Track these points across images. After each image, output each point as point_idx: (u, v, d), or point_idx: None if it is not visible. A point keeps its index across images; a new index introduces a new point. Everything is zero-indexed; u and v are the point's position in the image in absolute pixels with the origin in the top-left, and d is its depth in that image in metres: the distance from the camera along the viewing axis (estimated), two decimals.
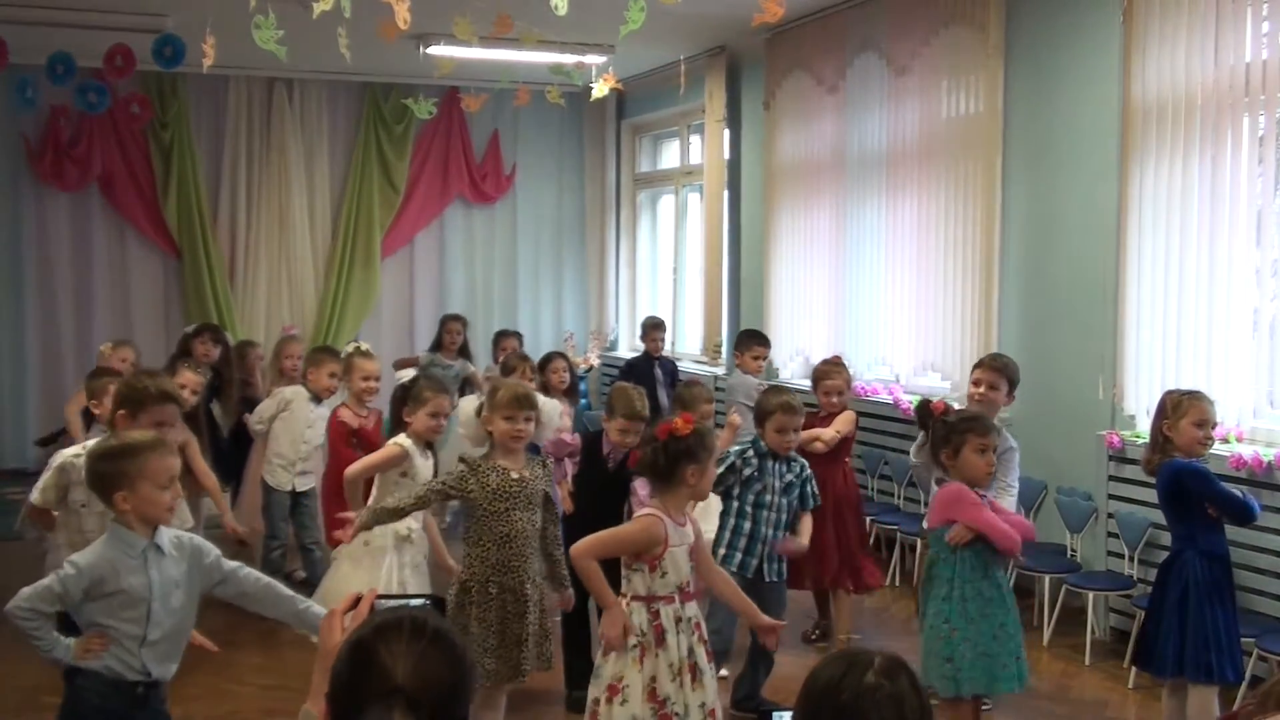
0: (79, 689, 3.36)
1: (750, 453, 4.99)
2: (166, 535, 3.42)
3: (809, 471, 5.09)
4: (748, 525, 4.94)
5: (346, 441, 6.04)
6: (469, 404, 5.03)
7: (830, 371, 6.11)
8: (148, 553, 3.34)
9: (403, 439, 4.95)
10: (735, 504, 4.99)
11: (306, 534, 6.61)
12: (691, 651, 3.85)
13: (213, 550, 3.50)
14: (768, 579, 4.95)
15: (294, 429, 6.66)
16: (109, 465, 3.36)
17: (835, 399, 5.99)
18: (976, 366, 5.30)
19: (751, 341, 7.40)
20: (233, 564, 3.50)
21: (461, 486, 4.28)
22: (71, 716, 3.40)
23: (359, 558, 4.93)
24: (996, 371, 5.16)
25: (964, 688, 4.17)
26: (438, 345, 8.84)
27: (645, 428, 4.85)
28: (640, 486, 5.05)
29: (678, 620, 3.84)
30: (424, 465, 4.95)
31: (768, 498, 4.97)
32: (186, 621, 3.47)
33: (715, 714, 3.89)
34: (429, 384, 5.10)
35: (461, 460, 4.39)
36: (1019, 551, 4.27)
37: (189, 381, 5.91)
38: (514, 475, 4.30)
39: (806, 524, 5.07)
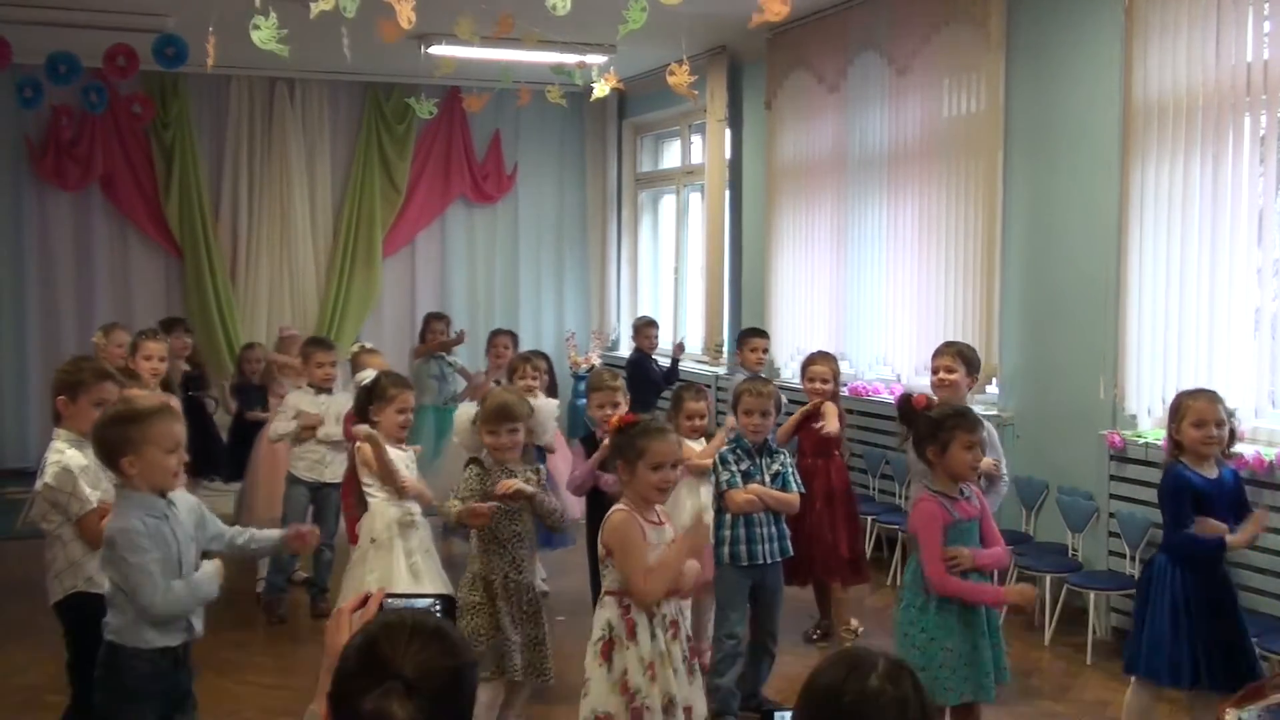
0: (125, 660, 3.39)
1: (738, 449, 5.01)
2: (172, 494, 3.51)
3: (790, 461, 5.14)
4: (743, 516, 4.95)
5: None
6: (465, 412, 4.97)
7: (816, 358, 6.26)
8: (169, 510, 3.42)
9: (372, 430, 4.97)
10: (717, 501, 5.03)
11: (321, 533, 6.50)
12: (665, 648, 3.79)
13: (209, 513, 3.66)
14: (772, 560, 5.00)
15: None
16: (116, 431, 3.41)
17: (820, 385, 6.08)
18: (935, 355, 5.53)
19: (748, 336, 7.39)
20: (220, 525, 3.70)
21: (482, 486, 4.43)
22: (118, 688, 3.42)
23: (368, 557, 4.93)
24: (955, 356, 5.42)
25: (943, 696, 4.09)
26: (423, 343, 8.91)
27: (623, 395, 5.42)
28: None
29: (650, 616, 3.78)
30: (399, 455, 4.95)
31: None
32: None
33: (691, 712, 3.83)
34: (392, 381, 5.10)
35: (473, 462, 4.51)
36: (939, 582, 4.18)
37: (154, 351, 5.90)
38: (519, 477, 4.47)
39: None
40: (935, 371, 5.48)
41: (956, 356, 5.44)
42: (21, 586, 6.46)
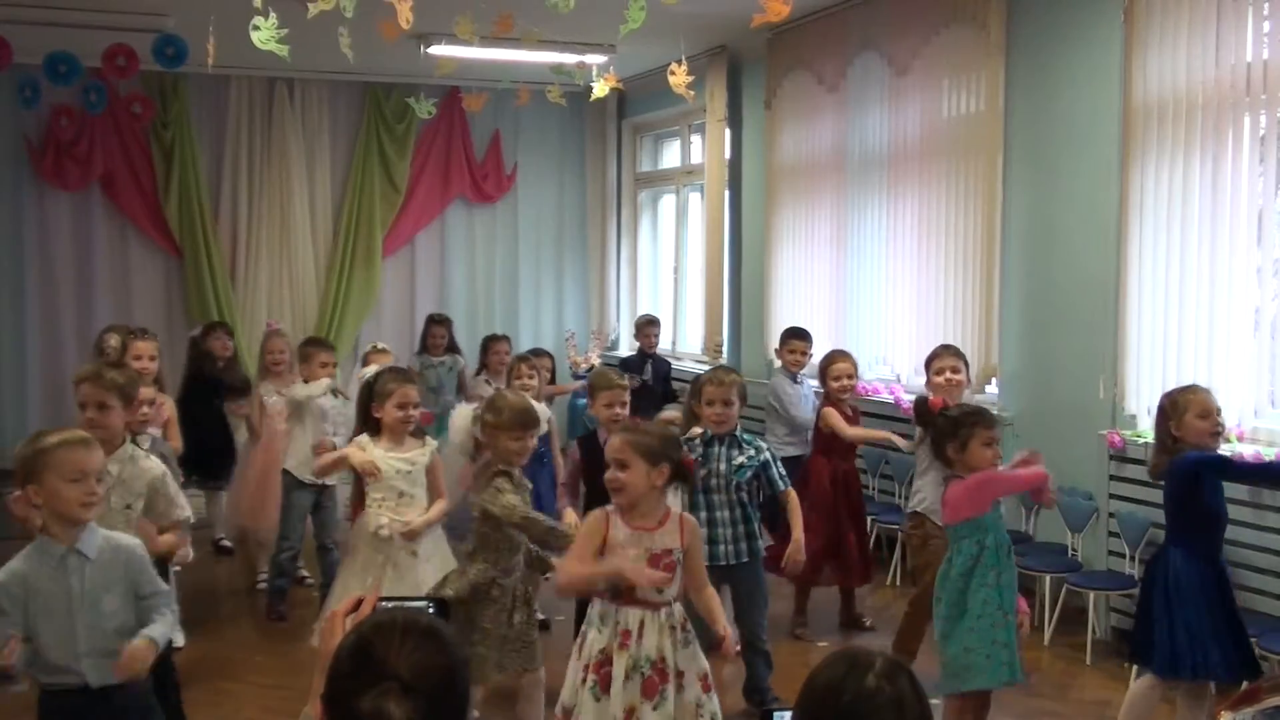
0: (44, 699, 3.35)
1: (696, 441, 4.97)
2: (97, 539, 3.33)
3: (767, 455, 5.03)
4: (703, 514, 4.88)
5: None
6: (464, 414, 4.86)
7: (838, 356, 6.33)
8: (67, 559, 3.26)
9: (361, 439, 4.90)
10: (686, 496, 4.97)
11: (326, 533, 6.47)
12: (609, 659, 3.67)
13: (147, 566, 3.45)
14: (737, 561, 4.93)
15: (312, 426, 6.45)
16: (20, 462, 3.31)
17: (846, 381, 6.19)
18: (935, 357, 5.66)
19: (787, 337, 7.09)
20: (159, 590, 3.46)
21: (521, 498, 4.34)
22: None
23: (348, 559, 4.94)
24: (957, 356, 5.62)
25: (1018, 672, 4.24)
26: (423, 347, 8.98)
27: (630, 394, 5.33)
28: None
29: (602, 617, 3.72)
30: (385, 458, 4.86)
31: (714, 481, 4.91)
32: (128, 625, 3.36)
33: None
34: (392, 375, 5.04)
35: (504, 474, 4.36)
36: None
37: (143, 350, 5.88)
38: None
39: (793, 512, 5.01)
40: (940, 373, 5.55)
41: (958, 357, 5.62)
42: None
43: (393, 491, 4.85)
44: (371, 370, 5.60)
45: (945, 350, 5.69)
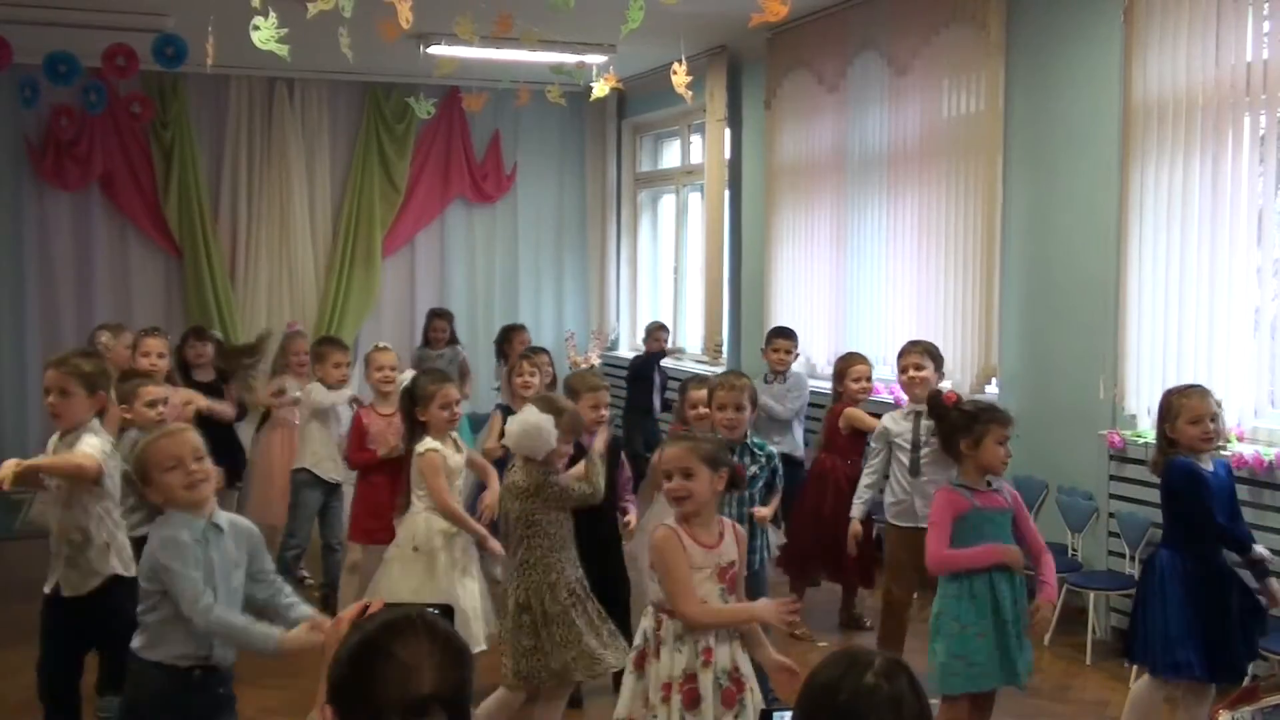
0: (139, 674, 3.39)
1: None
2: (223, 516, 3.47)
3: (776, 461, 5.03)
4: None
5: (362, 444, 6.01)
6: (534, 417, 4.64)
7: (856, 359, 6.34)
8: (208, 533, 3.36)
9: (429, 442, 4.90)
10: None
11: (332, 532, 6.48)
12: (693, 677, 3.62)
13: (264, 545, 3.58)
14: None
15: (327, 424, 6.52)
16: (135, 473, 3.49)
17: (865, 383, 6.21)
18: (902, 354, 5.63)
19: (772, 336, 7.10)
20: (271, 569, 3.58)
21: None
22: (134, 700, 3.44)
23: (409, 561, 4.88)
24: (922, 353, 5.54)
25: (979, 683, 4.19)
26: (424, 341, 9.11)
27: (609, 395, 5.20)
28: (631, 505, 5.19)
29: (678, 637, 3.65)
30: (453, 456, 4.95)
31: (727, 494, 4.88)
32: (241, 604, 3.48)
33: None
34: (429, 378, 5.08)
35: (548, 471, 4.44)
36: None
37: (152, 347, 5.92)
38: None
39: (774, 500, 5.04)
40: (904, 370, 5.54)
41: (924, 354, 5.55)
42: (22, 586, 6.44)
43: (456, 493, 4.94)
44: (408, 376, 5.62)
45: (911, 347, 5.63)
